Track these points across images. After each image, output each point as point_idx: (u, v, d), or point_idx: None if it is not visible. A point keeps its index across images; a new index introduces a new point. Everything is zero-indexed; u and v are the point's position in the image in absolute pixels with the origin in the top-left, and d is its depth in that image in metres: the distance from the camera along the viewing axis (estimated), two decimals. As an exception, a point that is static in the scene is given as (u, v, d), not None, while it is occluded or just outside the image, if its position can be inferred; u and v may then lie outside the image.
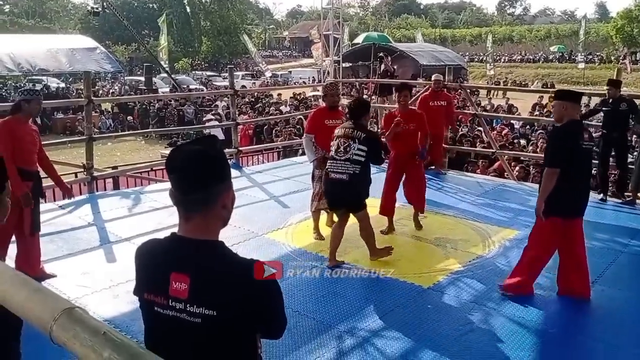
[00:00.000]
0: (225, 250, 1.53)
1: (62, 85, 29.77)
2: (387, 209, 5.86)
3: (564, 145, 3.98)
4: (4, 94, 23.81)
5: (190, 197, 1.48)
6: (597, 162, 7.55)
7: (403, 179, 6.05)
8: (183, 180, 1.48)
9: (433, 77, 8.67)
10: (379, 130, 5.47)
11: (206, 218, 1.51)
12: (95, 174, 7.47)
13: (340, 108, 5.93)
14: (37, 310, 1.13)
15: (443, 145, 8.79)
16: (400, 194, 6.91)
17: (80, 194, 7.53)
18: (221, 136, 13.40)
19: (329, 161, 4.79)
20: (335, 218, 5.66)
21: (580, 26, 40.76)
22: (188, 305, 1.45)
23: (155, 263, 1.55)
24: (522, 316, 4.01)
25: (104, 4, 18.41)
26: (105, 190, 7.91)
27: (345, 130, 4.75)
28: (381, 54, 13.05)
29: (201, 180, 1.48)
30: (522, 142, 12.15)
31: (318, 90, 20.46)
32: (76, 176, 7.85)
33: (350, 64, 30.72)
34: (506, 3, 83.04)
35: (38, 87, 26.53)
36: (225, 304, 1.44)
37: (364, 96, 21.05)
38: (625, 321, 3.97)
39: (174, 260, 1.50)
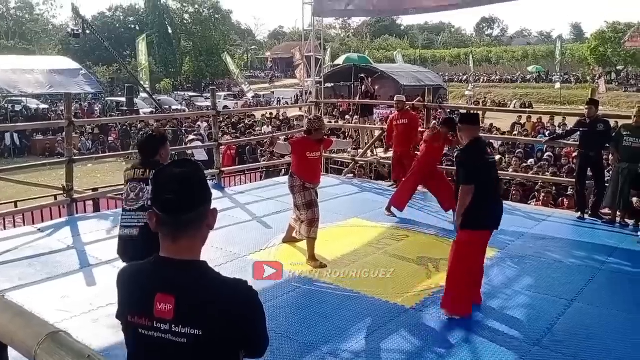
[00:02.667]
0: (209, 270, 1.56)
1: (43, 106, 29.48)
2: (402, 202, 7.27)
3: (474, 162, 4.29)
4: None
5: (182, 218, 1.51)
6: (574, 180, 7.72)
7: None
8: (176, 202, 1.49)
9: (395, 98, 8.99)
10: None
11: (193, 238, 1.54)
12: (75, 196, 7.39)
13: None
14: (21, 335, 1.13)
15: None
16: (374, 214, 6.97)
17: (60, 216, 7.46)
18: (204, 157, 13.35)
19: (122, 214, 3.80)
20: (295, 234, 5.79)
21: (555, 47, 41.76)
22: (173, 325, 1.47)
23: (139, 285, 1.56)
24: (505, 334, 4.05)
25: (84, 26, 18.34)
26: (85, 212, 7.83)
27: (135, 171, 3.78)
28: (362, 76, 13.22)
29: (193, 201, 1.52)
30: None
31: (300, 110, 20.60)
32: (56, 198, 7.76)
33: (332, 84, 31.01)
34: (484, 25, 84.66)
35: (18, 108, 26.35)
36: (211, 323, 1.46)
37: (346, 116, 21.28)
38: (604, 338, 4.02)
39: (158, 281, 1.52)
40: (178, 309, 1.47)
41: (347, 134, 16.14)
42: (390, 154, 9.79)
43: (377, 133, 11.04)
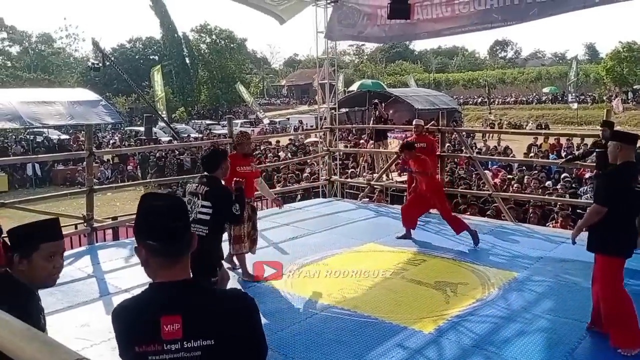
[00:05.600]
0: (204, 284, 1.69)
1: (64, 136, 30.06)
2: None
3: (617, 185, 4.05)
4: (6, 146, 24.06)
5: (179, 243, 1.62)
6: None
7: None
8: (172, 230, 1.60)
9: (414, 122, 9.16)
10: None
11: (186, 258, 1.66)
12: (95, 224, 7.51)
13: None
14: (46, 363, 1.17)
15: None
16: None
17: (80, 245, 7.57)
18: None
19: None
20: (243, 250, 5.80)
21: (570, 68, 41.66)
22: (185, 342, 1.54)
23: (140, 316, 1.62)
24: (525, 359, 3.99)
25: (104, 59, 18.79)
26: (105, 240, 7.93)
27: (191, 185, 4.27)
28: (375, 101, 13.31)
29: (185, 226, 1.65)
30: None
31: (316, 136, 20.73)
32: (76, 227, 7.88)
33: (347, 110, 31.22)
34: (498, 47, 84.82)
35: (39, 139, 26.91)
36: (220, 331, 1.55)
37: (361, 141, 21.36)
38: (627, 362, 3.95)
39: (161, 305, 1.59)
40: (186, 326, 1.54)
41: (363, 158, 16.18)
42: (404, 177, 9.81)
43: (392, 157, 11.07)
